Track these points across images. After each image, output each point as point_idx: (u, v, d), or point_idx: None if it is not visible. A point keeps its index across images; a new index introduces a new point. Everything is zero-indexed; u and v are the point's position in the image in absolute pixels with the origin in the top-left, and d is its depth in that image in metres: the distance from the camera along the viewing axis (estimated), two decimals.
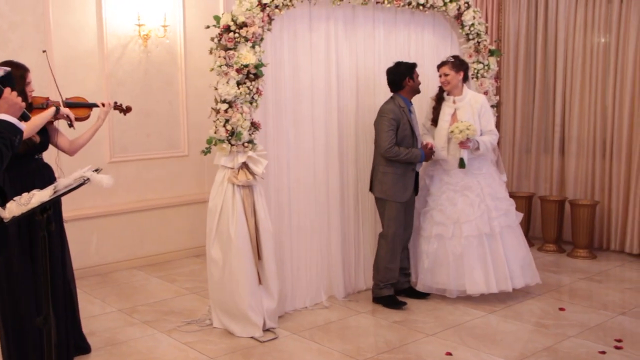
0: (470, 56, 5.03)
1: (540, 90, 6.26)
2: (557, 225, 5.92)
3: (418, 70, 4.41)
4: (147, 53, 5.44)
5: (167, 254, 5.68)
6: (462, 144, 4.27)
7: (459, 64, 4.45)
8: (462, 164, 4.33)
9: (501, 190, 4.53)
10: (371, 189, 4.42)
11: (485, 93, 5.04)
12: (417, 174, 4.43)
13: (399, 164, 4.25)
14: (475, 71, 5.03)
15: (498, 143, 6.37)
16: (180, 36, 5.58)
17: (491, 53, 5.08)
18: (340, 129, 4.50)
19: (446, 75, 4.42)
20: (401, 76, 4.29)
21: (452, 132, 4.24)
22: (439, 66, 4.47)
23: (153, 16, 5.34)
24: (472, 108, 4.39)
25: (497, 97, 5.20)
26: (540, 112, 6.28)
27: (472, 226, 4.31)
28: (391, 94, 4.36)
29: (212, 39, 3.73)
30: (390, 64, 4.39)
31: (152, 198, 5.65)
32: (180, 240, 5.75)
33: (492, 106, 5.03)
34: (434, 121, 4.53)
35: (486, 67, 5.05)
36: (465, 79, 4.52)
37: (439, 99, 4.54)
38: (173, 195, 5.74)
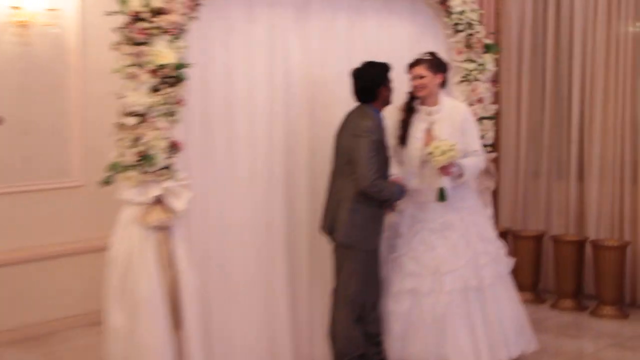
0: (460, 53, 5.18)
1: (552, 96, 6.47)
2: (576, 275, 6.06)
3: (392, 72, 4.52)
4: (27, 46, 5.37)
5: (51, 323, 5.57)
6: (444, 170, 4.35)
7: (437, 63, 4.56)
8: (442, 196, 4.39)
9: (488, 229, 4.69)
10: (328, 231, 4.45)
11: (480, 101, 5.20)
12: None
13: (373, 201, 4.33)
14: (467, 72, 5.18)
15: (497, 165, 6.61)
16: (74, 24, 5.56)
17: (487, 49, 5.24)
18: (289, 151, 4.54)
19: (421, 77, 4.51)
20: (375, 83, 4.38)
21: (430, 153, 4.32)
22: (411, 65, 4.55)
23: None
24: (452, 122, 4.51)
25: (496, 106, 5.36)
26: (552, 125, 6.47)
27: (456, 278, 4.39)
28: (356, 104, 4.44)
29: (116, 30, 3.74)
30: (356, 64, 4.47)
31: (31, 246, 5.55)
32: (70, 303, 5.65)
33: (488, 118, 5.24)
34: (402, 139, 4.62)
35: (481, 67, 5.21)
36: (444, 84, 4.63)
37: (409, 110, 4.63)
38: (60, 242, 5.65)
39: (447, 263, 4.40)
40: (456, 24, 5.12)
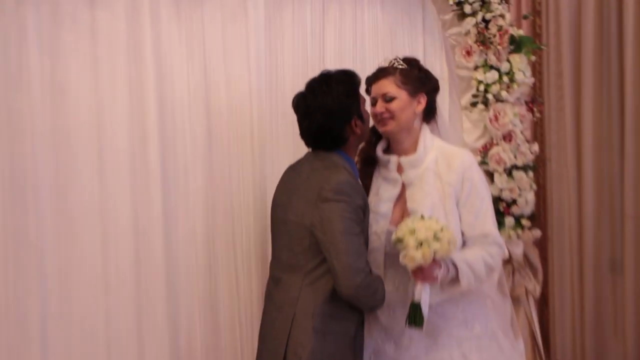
0: (470, 54, 5.21)
1: (637, 127, 6.42)
2: None
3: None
4: None
5: None
6: (422, 274, 4.17)
7: (417, 77, 4.52)
8: (415, 316, 4.20)
9: None
10: None
11: (508, 138, 5.17)
12: None
13: (354, 311, 4.30)
14: (482, 88, 5.17)
15: (544, 252, 6.30)
16: None
17: (517, 45, 5.27)
18: (171, 229, 4.59)
19: (387, 100, 4.46)
20: (342, 117, 4.30)
21: (400, 241, 4.15)
22: (371, 80, 4.57)
23: None
24: (440, 182, 4.38)
25: (534, 148, 5.36)
26: (637, 181, 6.42)
27: None
28: (310, 152, 4.54)
29: None
30: (290, 78, 4.72)
31: None
32: None
33: (524, 169, 5.21)
34: None
35: (508, 78, 5.20)
36: (430, 113, 4.57)
37: (366, 159, 4.64)
38: None
39: None
40: (461, 3, 5.13)
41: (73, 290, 4.35)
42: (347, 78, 4.38)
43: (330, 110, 4.28)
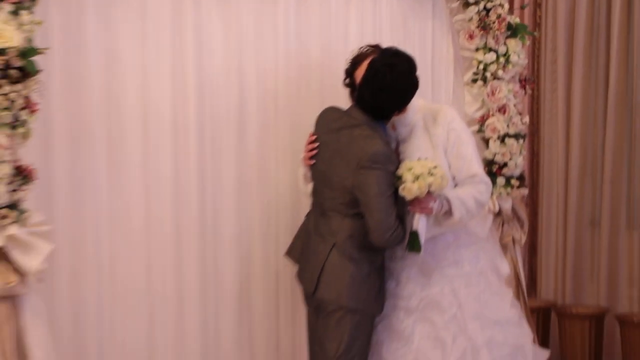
0: (472, 37, 5.22)
1: (618, 104, 6.48)
2: None
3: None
4: None
5: None
6: (418, 204, 4.26)
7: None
8: (413, 243, 4.29)
9: (501, 306, 4.59)
10: (320, 291, 4.42)
11: (502, 110, 5.23)
12: None
13: (380, 251, 4.44)
14: (482, 67, 5.22)
15: (533, 208, 6.55)
16: None
17: (514, 31, 5.26)
18: (205, 182, 4.59)
19: None
20: (408, 96, 4.41)
21: (399, 178, 4.25)
22: (358, 60, 4.60)
23: None
24: (428, 136, 4.48)
25: (525, 120, 5.37)
26: (616, 149, 6.48)
27: None
28: (350, 112, 4.46)
29: None
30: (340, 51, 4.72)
31: None
32: None
33: (515, 137, 5.23)
34: None
35: (502, 60, 5.22)
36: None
37: None
38: None
39: None
40: None
41: (121, 227, 4.33)
42: (415, 68, 4.37)
43: (400, 95, 4.34)
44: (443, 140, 4.43)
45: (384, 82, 4.25)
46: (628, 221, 6.53)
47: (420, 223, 4.26)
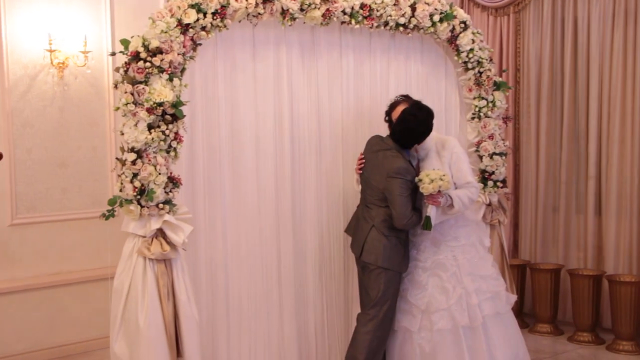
0: (471, 90, 4.94)
1: (570, 132, 6.14)
2: (593, 309, 5.67)
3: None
4: (64, 86, 5.34)
5: (87, 342, 5.47)
6: (431, 198, 4.12)
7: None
8: (427, 224, 4.17)
9: (485, 266, 4.37)
10: (363, 255, 4.27)
11: (491, 137, 4.95)
12: None
13: (403, 231, 4.29)
14: (477, 110, 4.94)
15: (516, 199, 6.25)
16: (107, 64, 5.49)
17: (497, 86, 4.97)
18: (296, 184, 4.40)
19: None
20: (426, 134, 4.24)
21: (420, 180, 4.10)
22: (394, 105, 4.39)
23: (70, 39, 5.25)
24: (439, 157, 4.29)
25: (506, 143, 5.09)
26: (569, 160, 6.15)
27: (444, 317, 4.15)
28: (385, 139, 4.31)
29: (117, 70, 3.58)
30: (368, 99, 4.50)
31: (69, 270, 5.48)
32: (105, 324, 5.42)
33: (499, 154, 4.98)
34: None
35: (490, 105, 4.94)
36: None
37: None
38: (95, 267, 5.55)
39: (436, 302, 4.18)
40: (466, 62, 4.87)
41: (239, 215, 4.18)
42: (432, 117, 4.20)
43: (418, 135, 4.19)
44: (448, 159, 4.28)
45: (409, 126, 4.15)
46: (577, 208, 6.17)
47: (432, 211, 4.16)
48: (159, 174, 3.60)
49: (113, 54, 3.73)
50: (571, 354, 5.45)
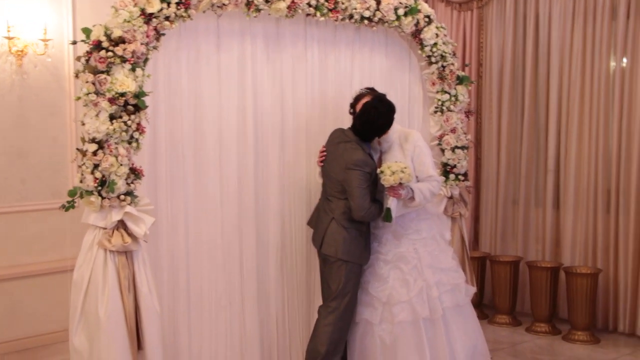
0: (434, 84, 4.95)
1: (530, 127, 6.23)
2: (550, 300, 5.77)
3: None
4: (22, 74, 5.20)
5: (44, 336, 5.36)
6: (392, 190, 4.12)
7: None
8: (387, 216, 4.17)
9: (446, 259, 4.40)
10: (323, 248, 4.26)
11: (453, 131, 4.96)
12: None
13: (364, 223, 4.28)
14: (440, 103, 4.94)
15: (477, 193, 6.31)
16: (67, 53, 5.35)
17: (460, 80, 4.99)
18: (259, 175, 4.38)
19: None
20: (386, 128, 4.25)
21: (381, 172, 4.09)
22: (358, 98, 4.37)
23: (30, 26, 5.11)
24: (402, 150, 4.29)
25: (469, 136, 5.10)
26: (529, 155, 6.23)
27: (405, 309, 4.16)
28: (344, 132, 4.30)
29: (78, 59, 3.51)
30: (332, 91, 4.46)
31: (27, 263, 5.36)
32: (62, 317, 5.30)
33: (461, 148, 4.98)
34: None
35: (453, 99, 4.95)
36: None
37: None
38: (54, 259, 5.44)
39: (397, 294, 4.19)
40: (429, 56, 4.87)
41: (201, 205, 4.14)
42: (393, 111, 4.23)
43: (378, 128, 4.20)
44: (411, 152, 4.28)
45: (369, 118, 4.14)
46: (536, 201, 6.26)
47: (392, 203, 4.15)
48: (121, 165, 3.54)
49: (74, 42, 3.66)
50: (529, 344, 5.54)
